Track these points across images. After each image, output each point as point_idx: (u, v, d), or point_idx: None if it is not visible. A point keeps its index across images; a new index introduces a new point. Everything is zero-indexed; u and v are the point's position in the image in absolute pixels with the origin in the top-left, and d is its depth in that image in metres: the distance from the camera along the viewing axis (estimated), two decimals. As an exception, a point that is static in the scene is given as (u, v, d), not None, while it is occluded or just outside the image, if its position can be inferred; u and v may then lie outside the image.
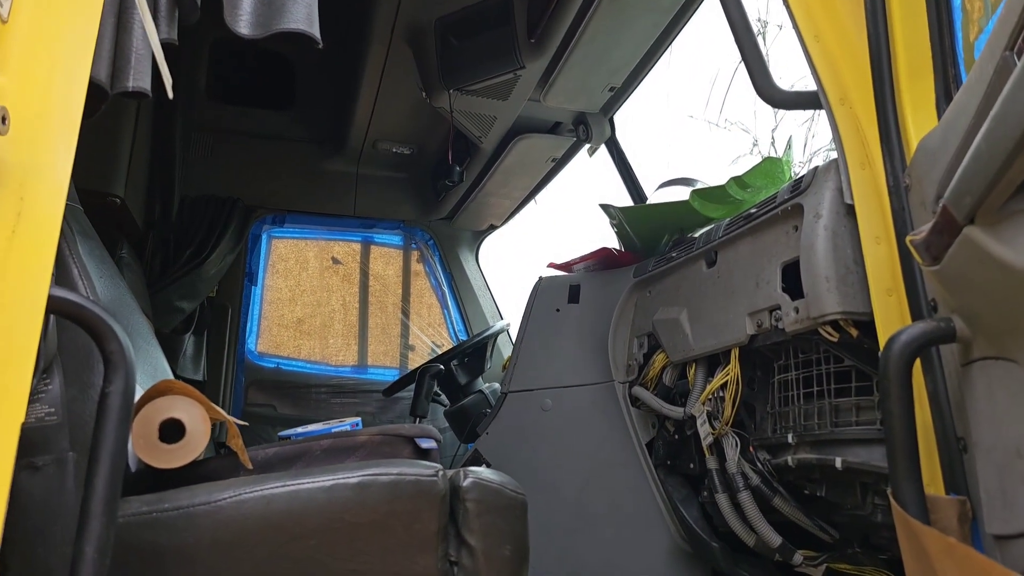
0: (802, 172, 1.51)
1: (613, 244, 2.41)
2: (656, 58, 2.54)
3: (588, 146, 2.96)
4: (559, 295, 2.34)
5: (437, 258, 3.95)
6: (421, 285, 3.98)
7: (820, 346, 1.42)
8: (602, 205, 2.29)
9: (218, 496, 1.16)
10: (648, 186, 2.93)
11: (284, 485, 1.19)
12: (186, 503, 1.15)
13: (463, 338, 3.82)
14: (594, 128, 2.86)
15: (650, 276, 2.07)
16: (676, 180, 2.35)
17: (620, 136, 2.97)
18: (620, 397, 2.14)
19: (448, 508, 1.27)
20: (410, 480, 1.23)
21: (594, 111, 2.84)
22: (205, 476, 1.26)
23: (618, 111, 2.87)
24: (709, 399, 1.71)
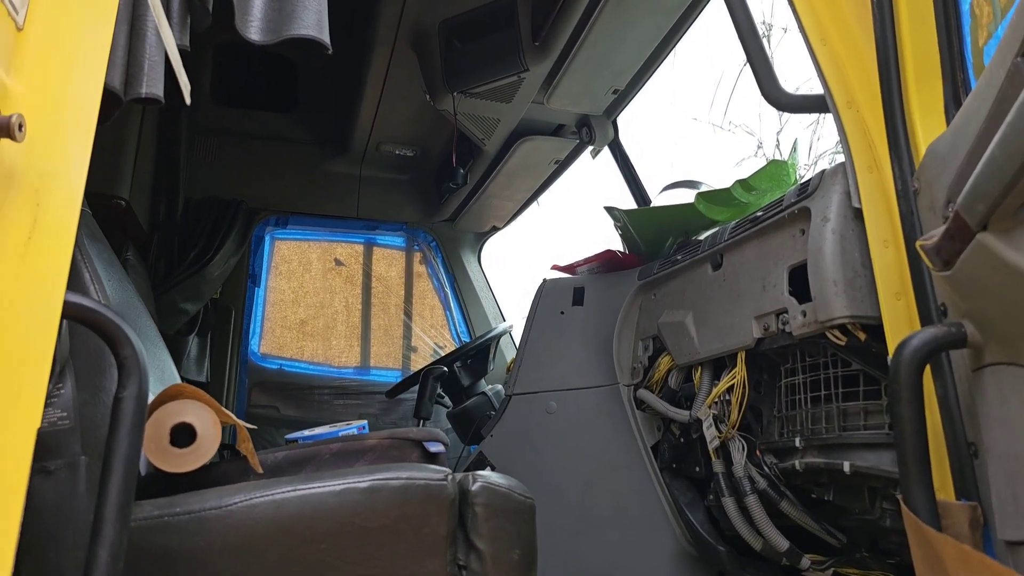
0: (807, 175, 1.51)
1: (616, 246, 2.41)
2: (660, 61, 2.54)
3: (591, 148, 2.96)
4: (563, 297, 2.34)
5: (440, 260, 3.95)
6: (423, 287, 3.98)
7: (827, 350, 1.42)
8: (607, 207, 2.29)
9: (229, 500, 1.16)
10: (651, 188, 2.94)
11: (295, 489, 1.19)
12: (197, 507, 1.15)
13: (465, 340, 3.82)
14: (597, 130, 2.86)
15: (655, 279, 2.08)
16: (681, 183, 2.35)
17: (623, 138, 2.97)
18: (625, 400, 2.14)
19: (457, 512, 1.27)
20: (420, 484, 1.23)
21: (597, 113, 2.84)
22: (215, 480, 1.27)
23: (621, 113, 2.88)
24: (715, 402, 1.71)
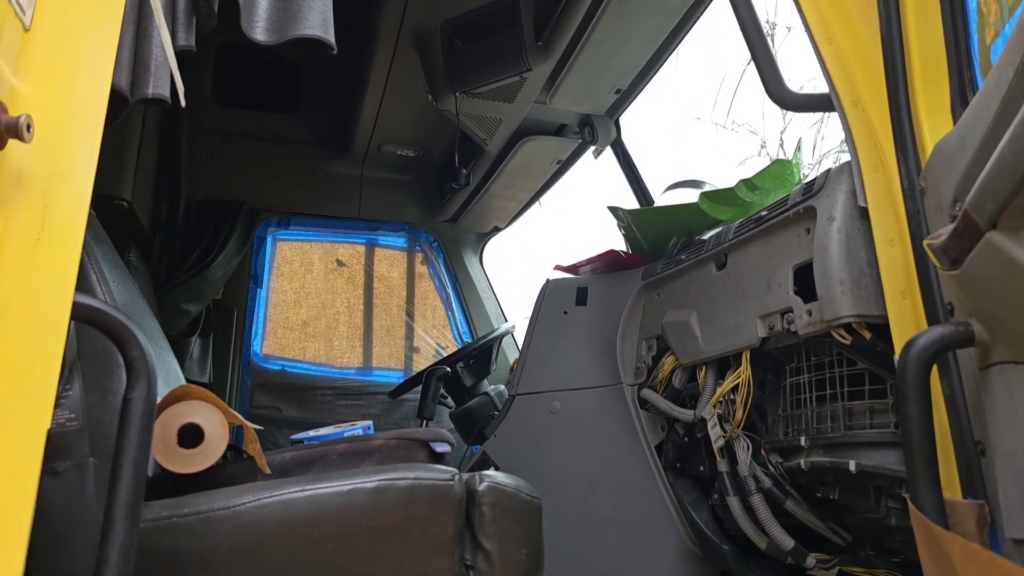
0: (811, 174, 1.51)
1: (619, 246, 2.41)
2: (662, 60, 2.54)
3: (593, 148, 2.96)
4: (567, 297, 2.34)
5: (441, 260, 3.95)
6: (425, 287, 3.98)
7: (832, 349, 1.42)
8: (610, 207, 2.29)
9: (237, 501, 1.16)
10: (654, 188, 2.94)
11: (302, 490, 1.19)
12: (205, 508, 1.15)
13: (467, 340, 3.82)
14: (600, 130, 2.86)
15: (659, 278, 2.08)
16: (684, 182, 2.36)
17: (626, 138, 2.97)
18: (629, 400, 2.14)
19: (464, 512, 1.27)
20: (427, 484, 1.24)
21: (600, 113, 2.84)
22: (223, 481, 1.27)
23: (624, 113, 2.88)
24: (720, 402, 1.71)
